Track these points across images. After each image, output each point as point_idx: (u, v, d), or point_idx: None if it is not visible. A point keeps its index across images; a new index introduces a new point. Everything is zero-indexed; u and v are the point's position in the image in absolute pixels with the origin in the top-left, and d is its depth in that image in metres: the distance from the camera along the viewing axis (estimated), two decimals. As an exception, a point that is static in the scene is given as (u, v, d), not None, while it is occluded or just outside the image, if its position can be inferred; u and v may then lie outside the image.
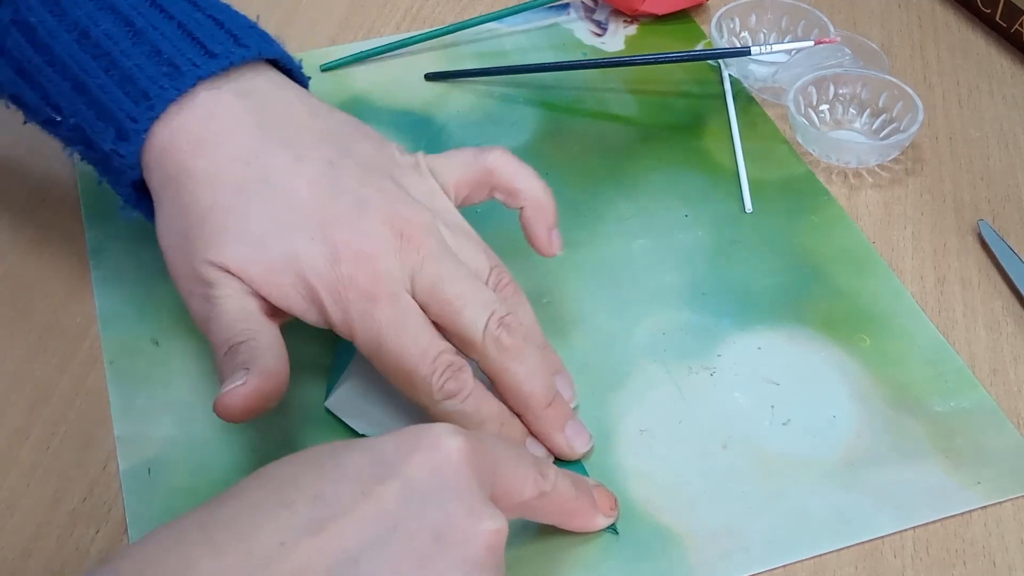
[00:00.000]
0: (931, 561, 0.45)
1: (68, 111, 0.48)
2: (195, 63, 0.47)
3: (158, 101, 0.46)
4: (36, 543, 0.46)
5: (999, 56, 0.69)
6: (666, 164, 0.62)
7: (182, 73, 0.46)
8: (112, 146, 0.47)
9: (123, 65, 0.47)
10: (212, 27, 0.48)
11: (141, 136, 0.47)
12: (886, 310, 0.55)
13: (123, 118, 0.47)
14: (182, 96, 0.47)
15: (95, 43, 0.47)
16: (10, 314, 0.54)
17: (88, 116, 0.48)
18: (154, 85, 0.46)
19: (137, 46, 0.47)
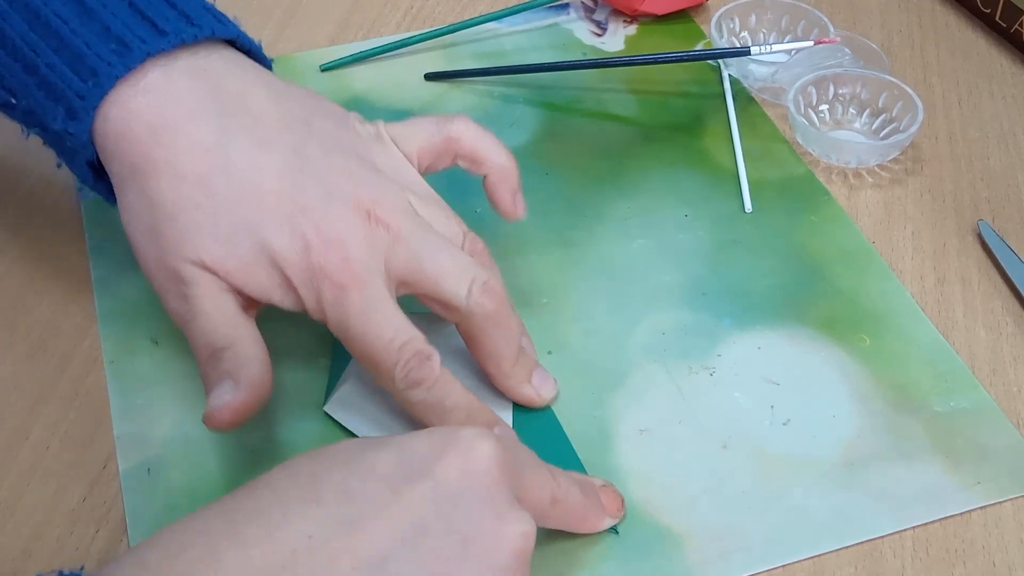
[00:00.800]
0: (931, 561, 0.45)
1: (21, 93, 0.48)
2: (144, 39, 0.46)
3: (105, 78, 0.45)
4: (36, 543, 0.46)
5: (999, 56, 0.69)
6: (666, 164, 0.62)
7: (131, 50, 0.46)
8: (62, 125, 0.47)
9: (72, 44, 0.46)
10: (164, 7, 0.48)
11: (90, 114, 0.46)
12: (886, 310, 0.55)
13: (72, 96, 0.46)
14: (131, 73, 0.46)
15: (45, 23, 0.47)
16: (10, 314, 0.54)
17: (39, 97, 0.47)
18: (102, 62, 0.46)
19: (86, 25, 0.46)
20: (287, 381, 0.51)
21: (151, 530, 0.46)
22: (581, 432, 0.49)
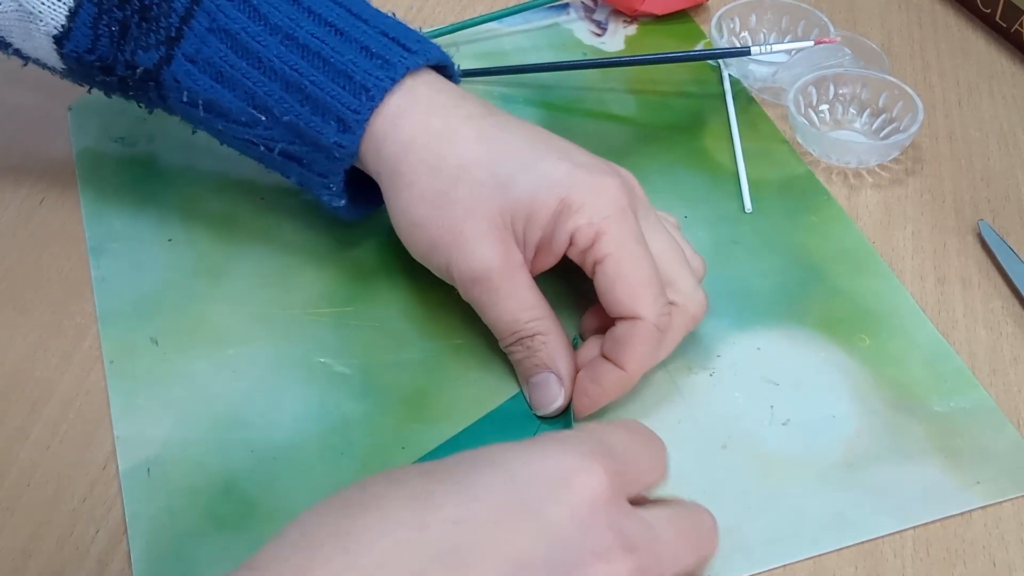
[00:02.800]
0: (931, 561, 0.45)
1: (279, 111, 0.51)
2: (402, 56, 0.51)
3: (376, 91, 0.50)
4: (36, 543, 0.46)
5: (999, 56, 0.69)
6: (666, 164, 0.62)
7: (392, 65, 0.50)
8: (335, 139, 0.50)
9: (336, 62, 0.50)
10: (402, 28, 0.52)
11: (363, 126, 0.50)
12: (886, 310, 0.55)
13: (344, 111, 0.50)
14: (395, 85, 0.50)
15: (303, 45, 0.50)
16: (10, 314, 0.54)
17: (303, 113, 0.50)
18: (370, 77, 0.50)
19: (346, 45, 0.50)
20: (288, 381, 0.51)
21: (151, 530, 0.46)
22: (581, 432, 0.49)
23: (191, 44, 0.51)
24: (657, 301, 0.47)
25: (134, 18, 0.51)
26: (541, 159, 0.49)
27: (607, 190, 0.48)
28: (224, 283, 0.55)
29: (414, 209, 0.50)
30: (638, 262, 0.47)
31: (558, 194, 0.48)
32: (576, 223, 0.47)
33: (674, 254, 0.49)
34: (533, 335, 0.49)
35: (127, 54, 0.52)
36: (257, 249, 0.57)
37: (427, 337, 0.53)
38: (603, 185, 0.48)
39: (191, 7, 0.50)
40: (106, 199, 0.59)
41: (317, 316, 0.54)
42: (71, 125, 0.64)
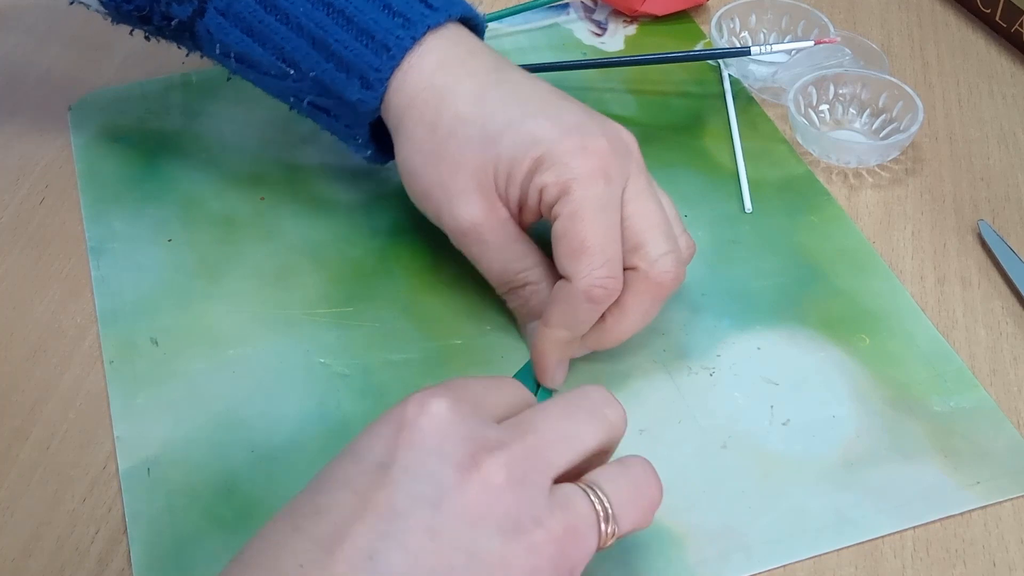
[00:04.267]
0: (931, 561, 0.45)
1: (306, 66, 0.52)
2: (423, 13, 0.51)
3: (397, 51, 0.50)
4: (36, 543, 0.46)
5: (999, 56, 0.69)
6: (666, 164, 0.62)
7: (413, 23, 0.51)
8: (358, 96, 0.51)
9: (359, 21, 0.51)
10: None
11: (384, 84, 0.51)
12: (886, 310, 0.54)
13: (367, 69, 0.51)
14: (416, 44, 0.51)
15: (328, 2, 0.51)
16: (10, 314, 0.54)
17: (328, 69, 0.51)
18: (391, 36, 0.50)
19: (369, 3, 0.51)
20: (288, 381, 0.51)
21: (151, 530, 0.46)
22: (581, 432, 0.49)
23: None
24: (595, 270, 0.47)
25: None
26: (529, 117, 0.49)
27: (585, 151, 0.48)
28: (224, 283, 0.55)
29: (411, 161, 0.51)
30: (589, 226, 0.47)
31: (535, 153, 0.48)
32: (544, 180, 0.48)
33: (652, 220, 0.48)
34: (524, 284, 0.50)
35: (163, 5, 0.53)
36: (257, 249, 0.57)
37: (427, 337, 0.53)
38: (582, 146, 0.48)
39: None
40: (106, 199, 0.59)
41: (317, 316, 0.54)
42: (71, 125, 0.64)
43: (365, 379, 0.51)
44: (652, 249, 0.48)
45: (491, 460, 0.37)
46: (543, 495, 0.37)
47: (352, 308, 0.54)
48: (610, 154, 0.48)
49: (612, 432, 0.41)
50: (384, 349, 0.52)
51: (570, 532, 0.37)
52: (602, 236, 0.47)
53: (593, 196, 0.47)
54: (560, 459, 0.38)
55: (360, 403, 0.50)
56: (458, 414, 0.38)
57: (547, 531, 0.36)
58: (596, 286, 0.47)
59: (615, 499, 0.39)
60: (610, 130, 0.49)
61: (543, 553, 0.36)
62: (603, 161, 0.48)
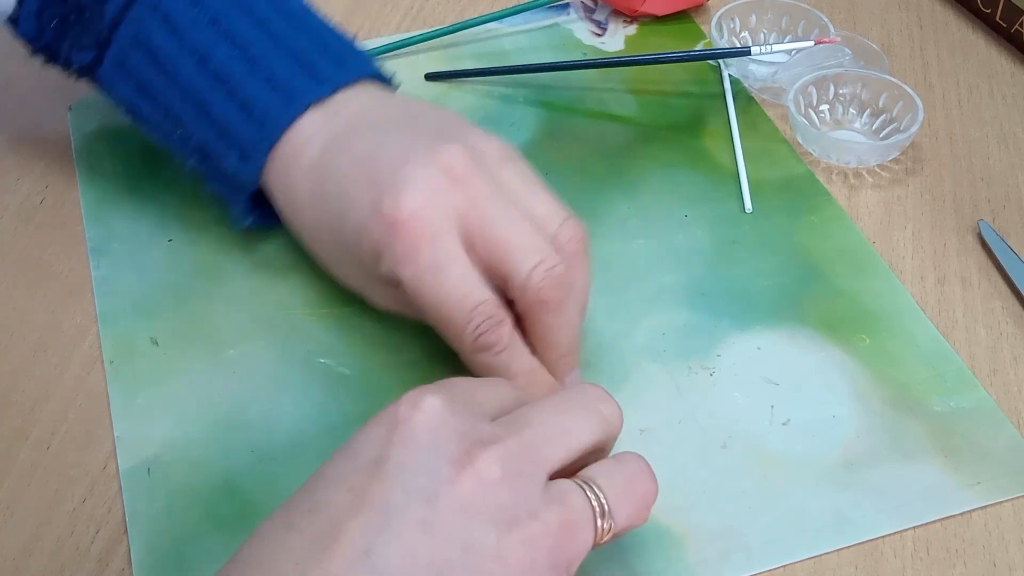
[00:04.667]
0: (931, 561, 0.45)
1: (190, 129, 0.52)
2: (305, 90, 0.50)
3: (274, 128, 0.50)
4: (36, 543, 0.46)
5: (999, 56, 0.69)
6: (666, 164, 0.62)
7: (294, 100, 0.50)
8: (236, 167, 0.51)
9: (242, 92, 0.50)
10: (318, 52, 0.51)
11: (261, 159, 0.50)
12: (886, 310, 0.54)
13: (244, 142, 0.51)
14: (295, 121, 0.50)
15: (215, 69, 0.51)
16: (10, 314, 0.54)
17: (210, 136, 0.51)
18: (270, 113, 0.50)
19: (253, 74, 0.50)
20: (288, 381, 0.51)
21: (151, 530, 0.46)
22: (581, 432, 0.49)
23: (117, 52, 0.52)
24: (468, 326, 0.45)
25: (71, 16, 0.52)
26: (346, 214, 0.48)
27: (394, 227, 0.45)
28: (224, 283, 0.55)
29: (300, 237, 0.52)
30: (439, 296, 0.45)
31: (367, 248, 0.47)
32: (384, 274, 0.47)
33: (506, 242, 0.45)
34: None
35: (66, 50, 0.53)
36: (257, 249, 0.57)
37: (427, 337, 0.53)
38: (391, 222, 0.45)
39: (119, 15, 0.51)
40: (106, 199, 0.59)
41: (317, 316, 0.54)
42: (71, 125, 0.64)
43: (365, 379, 0.51)
44: (515, 275, 0.45)
45: (486, 454, 0.36)
46: (539, 490, 0.37)
47: (352, 308, 0.54)
48: (426, 205, 0.45)
49: (608, 429, 0.41)
50: (385, 349, 0.52)
51: (566, 527, 0.37)
52: (454, 294, 0.45)
53: (423, 268, 0.45)
54: (555, 454, 0.38)
55: (360, 403, 0.50)
56: (451, 411, 0.37)
57: (543, 524, 0.36)
58: (479, 338, 0.45)
59: (611, 494, 0.38)
60: (444, 156, 0.46)
61: (540, 547, 0.36)
62: (416, 225, 0.45)
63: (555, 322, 0.46)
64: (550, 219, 0.47)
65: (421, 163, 0.46)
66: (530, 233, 0.46)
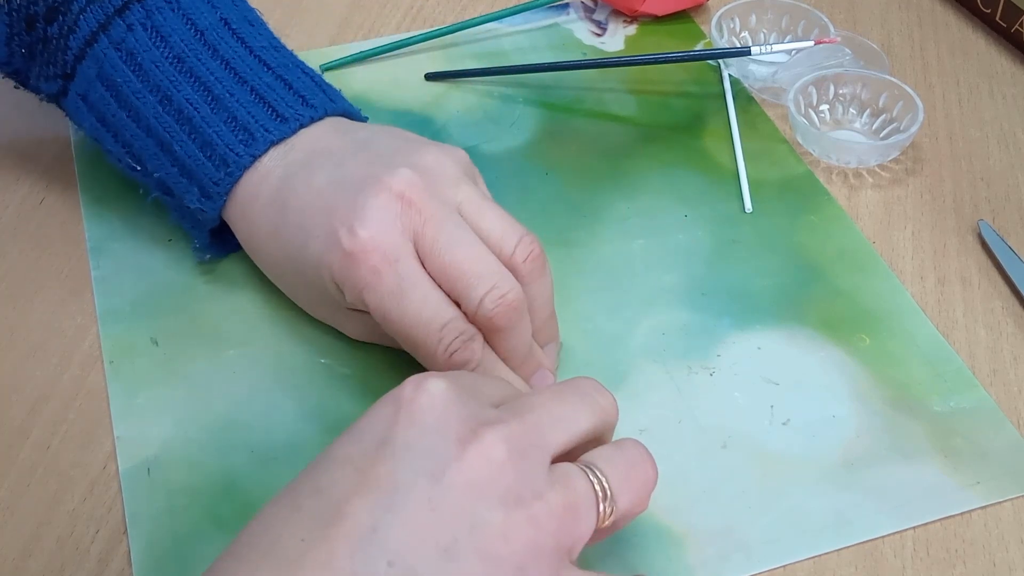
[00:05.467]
0: (931, 561, 0.45)
1: (152, 166, 0.52)
2: (267, 128, 0.50)
3: (235, 168, 0.50)
4: (36, 543, 0.46)
5: (999, 56, 0.69)
6: (666, 164, 0.62)
7: (255, 140, 0.50)
8: (197, 204, 0.51)
9: (204, 132, 0.50)
10: (282, 90, 0.52)
11: (223, 197, 0.51)
12: (886, 310, 0.54)
13: (206, 181, 0.51)
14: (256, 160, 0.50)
15: (177, 108, 0.51)
16: (10, 314, 0.54)
17: (172, 173, 0.52)
18: (231, 153, 0.50)
19: (216, 113, 0.50)
20: (288, 381, 0.51)
21: (151, 530, 0.46)
22: (581, 432, 0.49)
23: (81, 85, 0.52)
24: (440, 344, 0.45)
25: (39, 46, 0.53)
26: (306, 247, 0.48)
27: (353, 258, 0.46)
28: (224, 283, 0.55)
29: None
30: (402, 317, 0.46)
31: (327, 279, 0.47)
32: (352, 302, 0.47)
33: (459, 267, 0.46)
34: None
35: (34, 77, 0.54)
36: (257, 249, 0.57)
37: (427, 337, 0.53)
38: (350, 252, 0.46)
39: (84, 49, 0.52)
40: (106, 199, 0.59)
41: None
42: (71, 125, 0.64)
43: (365, 379, 0.51)
44: (467, 301, 0.46)
45: (491, 434, 0.37)
46: (543, 471, 0.37)
47: (352, 308, 0.54)
48: (383, 231, 0.46)
49: (604, 418, 0.41)
50: (385, 349, 0.52)
51: (570, 509, 0.37)
52: (422, 316, 0.45)
53: (386, 294, 0.46)
54: (557, 438, 0.39)
55: (360, 403, 0.50)
56: (456, 393, 0.38)
57: (548, 505, 0.37)
58: (453, 356, 0.46)
59: (612, 478, 0.39)
60: (396, 182, 0.47)
61: (544, 527, 0.36)
62: (375, 252, 0.45)
63: (508, 342, 0.47)
64: (506, 239, 0.48)
65: (374, 191, 0.47)
66: (482, 258, 0.46)
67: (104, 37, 0.51)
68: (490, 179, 0.60)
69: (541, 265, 0.48)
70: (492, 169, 0.61)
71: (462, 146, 0.52)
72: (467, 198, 0.48)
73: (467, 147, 0.62)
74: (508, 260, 0.47)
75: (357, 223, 0.46)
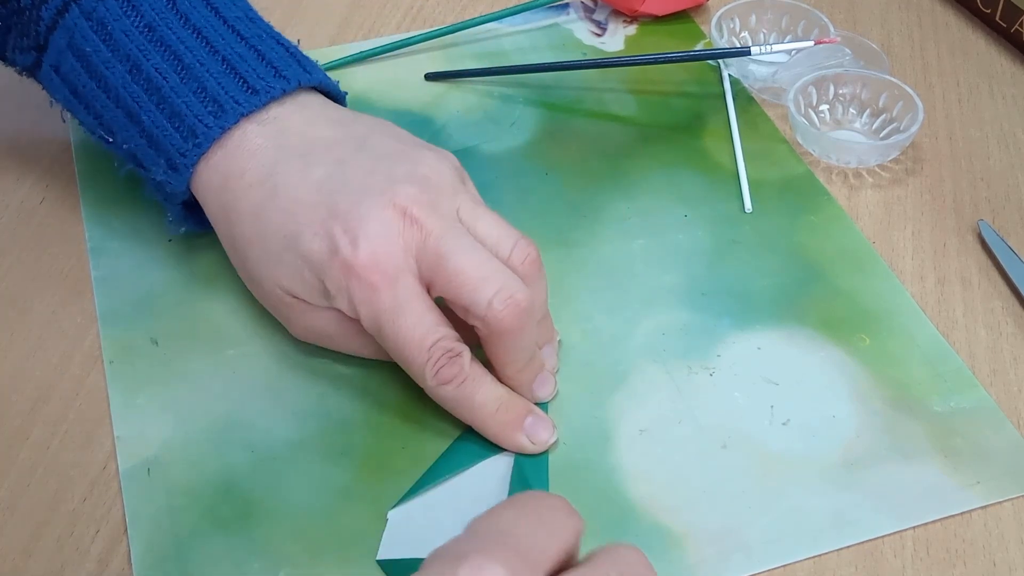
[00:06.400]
0: (931, 561, 0.45)
1: (121, 138, 0.51)
2: (237, 100, 0.50)
3: (204, 140, 0.49)
4: (36, 543, 0.46)
5: (999, 56, 0.69)
6: (666, 164, 0.62)
7: (225, 111, 0.49)
8: (164, 176, 0.51)
9: (173, 102, 0.50)
10: (255, 61, 0.51)
11: (189, 170, 0.50)
12: (886, 310, 0.54)
13: (173, 152, 0.50)
14: (225, 132, 0.49)
15: (147, 77, 0.50)
16: (10, 314, 0.54)
17: (140, 144, 0.51)
18: (200, 124, 0.49)
19: (185, 83, 0.50)
20: (288, 381, 0.51)
21: (151, 530, 0.46)
22: (581, 432, 0.49)
23: (53, 56, 0.52)
24: (428, 363, 0.46)
25: (12, 18, 0.52)
26: (302, 235, 0.47)
27: (351, 271, 0.46)
28: (224, 283, 0.55)
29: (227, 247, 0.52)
30: (397, 333, 0.46)
31: (315, 281, 0.47)
32: (341, 307, 0.47)
33: (465, 274, 0.46)
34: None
35: (10, 50, 0.54)
36: (257, 249, 0.57)
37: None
38: (348, 265, 0.46)
39: (55, 20, 0.51)
40: (106, 199, 0.59)
41: (317, 316, 0.54)
42: (71, 125, 0.64)
43: (365, 379, 0.51)
44: (476, 306, 0.45)
45: None
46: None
47: (352, 308, 0.54)
48: (384, 248, 0.46)
49: None
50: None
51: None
52: (415, 334, 0.45)
53: (382, 311, 0.46)
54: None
55: (360, 403, 0.50)
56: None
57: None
58: (439, 372, 0.46)
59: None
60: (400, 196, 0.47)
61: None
62: (375, 269, 0.45)
63: (515, 345, 0.47)
64: (502, 242, 0.48)
65: (378, 204, 0.46)
66: (486, 262, 0.46)
67: (75, 7, 0.51)
68: (490, 179, 0.60)
69: (538, 268, 0.49)
70: (492, 169, 0.61)
71: (462, 146, 0.52)
72: (463, 205, 0.48)
73: (467, 147, 0.62)
74: (505, 263, 0.47)
75: (361, 236, 0.46)
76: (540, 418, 0.48)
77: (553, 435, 0.48)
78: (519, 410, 0.48)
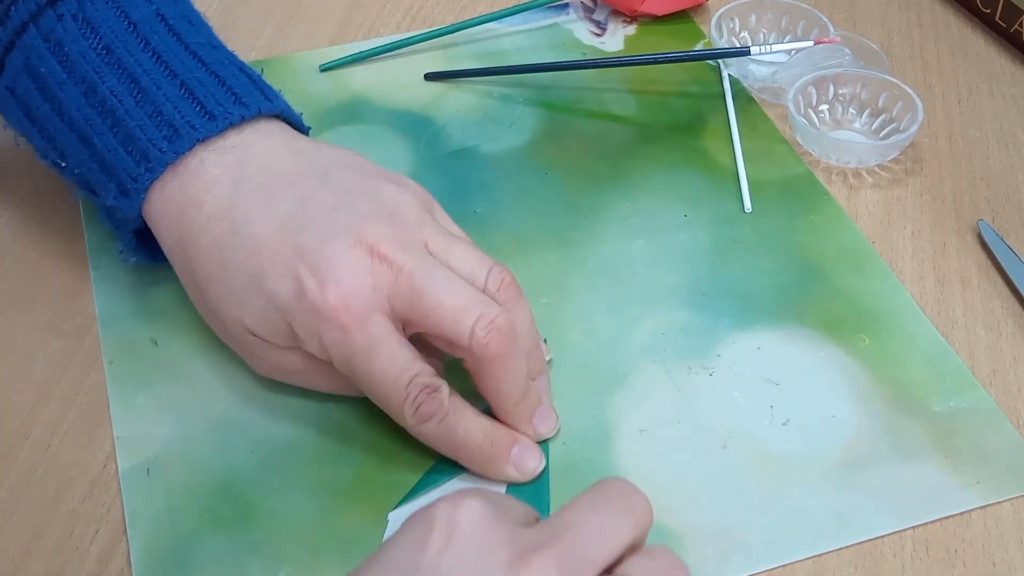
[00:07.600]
0: (931, 561, 0.45)
1: (73, 161, 0.50)
2: (193, 125, 0.48)
3: (157, 164, 0.48)
4: (36, 543, 0.46)
5: (999, 56, 0.69)
6: (666, 164, 0.62)
7: (180, 136, 0.48)
8: (114, 202, 0.49)
9: (127, 125, 0.48)
10: (214, 86, 0.49)
11: (141, 195, 0.48)
12: (886, 310, 0.54)
13: (124, 177, 0.48)
14: (180, 158, 0.48)
15: (101, 99, 0.49)
16: (10, 314, 0.54)
17: (92, 168, 0.50)
18: (154, 148, 0.48)
19: (141, 106, 0.48)
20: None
21: (151, 530, 0.46)
22: (581, 432, 0.49)
23: (9, 77, 0.51)
24: (407, 399, 0.45)
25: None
26: (264, 275, 0.46)
27: (320, 314, 0.44)
28: (224, 283, 0.55)
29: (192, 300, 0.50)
30: (372, 372, 0.45)
31: (282, 325, 0.46)
32: (312, 350, 0.46)
33: (443, 306, 0.45)
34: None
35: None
36: (257, 249, 0.57)
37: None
38: (316, 307, 0.44)
39: (13, 40, 0.50)
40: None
41: (317, 316, 0.54)
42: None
43: (365, 379, 0.51)
44: (459, 336, 0.45)
45: (540, 559, 0.34)
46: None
47: (352, 308, 0.54)
48: (354, 290, 0.45)
49: (640, 522, 0.39)
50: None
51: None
52: (390, 373, 0.44)
53: (355, 352, 0.45)
54: (602, 555, 0.36)
55: (360, 403, 0.50)
56: (494, 513, 0.35)
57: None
58: (418, 410, 0.45)
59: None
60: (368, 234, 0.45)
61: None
62: (345, 312, 0.44)
63: (505, 373, 0.46)
64: (476, 272, 0.47)
65: (344, 243, 0.45)
66: (463, 292, 0.45)
67: (34, 27, 0.50)
68: (490, 179, 0.60)
69: (515, 292, 0.48)
70: (492, 169, 0.61)
71: (462, 146, 0.52)
72: (431, 237, 0.47)
73: (467, 147, 0.62)
74: (483, 291, 0.46)
75: (328, 278, 0.45)
76: (526, 446, 0.47)
77: (541, 462, 0.47)
78: (505, 440, 0.47)
